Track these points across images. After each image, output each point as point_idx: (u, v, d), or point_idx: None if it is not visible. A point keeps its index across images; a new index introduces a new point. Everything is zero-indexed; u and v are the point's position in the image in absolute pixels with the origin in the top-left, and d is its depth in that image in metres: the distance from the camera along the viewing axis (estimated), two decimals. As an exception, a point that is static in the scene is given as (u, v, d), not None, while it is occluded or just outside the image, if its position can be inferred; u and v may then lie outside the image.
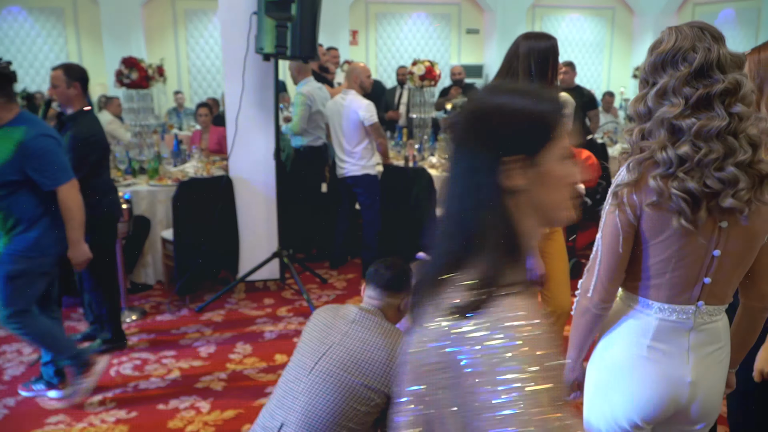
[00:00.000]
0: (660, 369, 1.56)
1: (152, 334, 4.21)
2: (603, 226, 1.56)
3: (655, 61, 1.45)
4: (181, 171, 5.43)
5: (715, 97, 1.38)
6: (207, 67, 10.55)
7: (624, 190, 1.49)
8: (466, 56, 11.78)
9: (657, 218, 1.47)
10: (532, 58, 2.73)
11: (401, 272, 2.32)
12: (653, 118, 1.45)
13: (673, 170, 1.41)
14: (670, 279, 1.52)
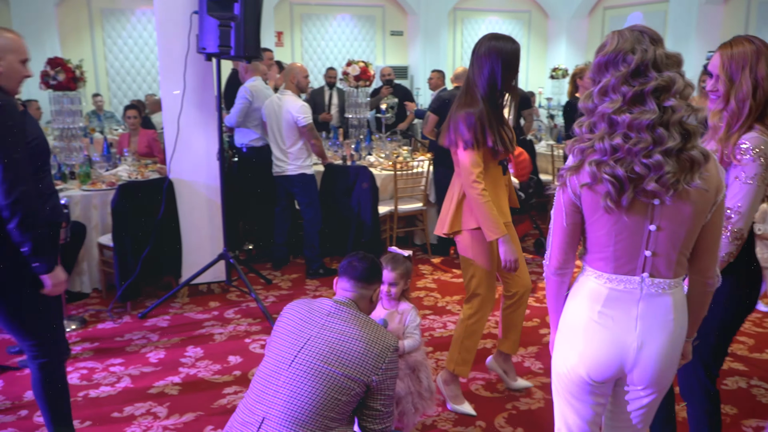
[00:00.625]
0: (608, 333, 1.74)
1: (95, 342, 4.08)
2: (554, 204, 1.79)
3: (599, 62, 1.63)
4: (114, 175, 5.28)
5: (648, 93, 1.56)
6: (126, 68, 10.20)
7: (567, 173, 1.71)
8: (391, 58, 11.95)
9: (592, 198, 1.67)
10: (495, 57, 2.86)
11: (373, 264, 2.41)
12: (596, 113, 1.63)
13: (607, 158, 1.60)
14: (614, 252, 1.71)
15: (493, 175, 2.99)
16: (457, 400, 3.26)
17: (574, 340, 1.81)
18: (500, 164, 3.04)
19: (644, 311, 1.72)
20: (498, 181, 3.03)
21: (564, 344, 1.84)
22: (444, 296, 4.88)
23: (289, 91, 5.13)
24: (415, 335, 2.80)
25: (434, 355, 3.85)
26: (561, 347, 1.86)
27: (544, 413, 3.20)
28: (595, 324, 1.75)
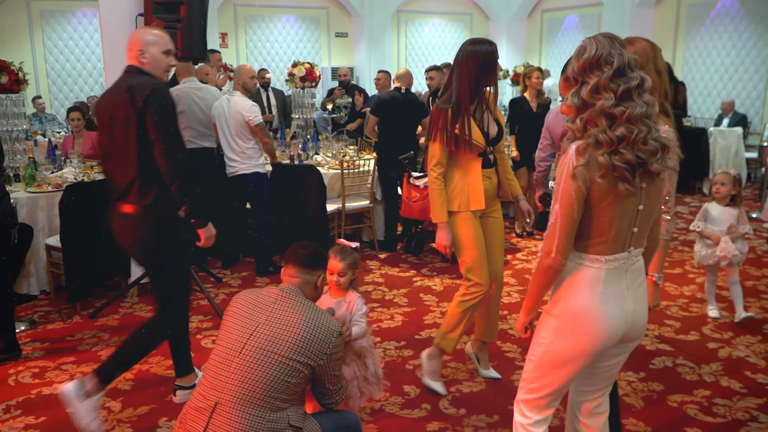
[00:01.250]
0: (612, 308, 1.97)
1: (46, 342, 4.09)
2: (559, 199, 1.91)
3: (583, 65, 1.87)
4: (59, 177, 5.25)
5: (633, 89, 1.82)
6: (68, 70, 10.04)
7: (579, 168, 1.86)
8: (336, 59, 12.09)
9: (604, 187, 1.86)
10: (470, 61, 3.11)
11: (316, 251, 2.55)
12: (593, 109, 1.85)
13: (615, 148, 1.82)
14: (614, 234, 1.93)
15: (467, 166, 3.24)
16: (433, 376, 3.45)
17: (579, 327, 1.97)
18: (479, 156, 3.24)
19: (630, 279, 2.01)
20: (472, 171, 3.24)
21: (567, 331, 1.99)
22: (391, 290, 5.06)
23: (237, 92, 5.22)
24: (362, 323, 2.95)
25: (382, 345, 4.02)
26: (565, 332, 2.00)
27: (484, 395, 3.40)
28: (600, 305, 1.96)
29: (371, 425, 3.10)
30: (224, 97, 5.26)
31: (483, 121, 3.25)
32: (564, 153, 1.94)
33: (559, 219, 1.92)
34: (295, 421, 2.24)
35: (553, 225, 1.93)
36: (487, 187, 3.29)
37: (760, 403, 3.29)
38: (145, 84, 2.93)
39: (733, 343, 4.00)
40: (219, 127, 5.23)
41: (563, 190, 1.90)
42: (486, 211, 3.36)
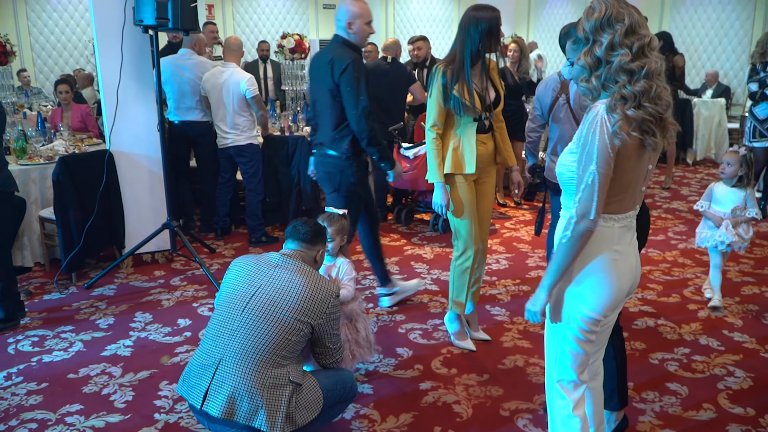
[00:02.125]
0: (625, 264, 2.04)
1: (43, 313, 4.16)
2: (596, 159, 1.85)
3: (594, 24, 1.88)
4: (50, 149, 5.27)
5: (646, 46, 1.86)
6: (52, 43, 9.92)
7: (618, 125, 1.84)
8: (324, 31, 12.03)
9: (632, 143, 1.88)
10: (472, 27, 3.21)
11: (316, 227, 2.65)
12: (610, 66, 1.86)
13: (638, 102, 1.84)
14: (630, 193, 1.99)
15: (463, 130, 3.34)
16: (459, 336, 3.62)
17: (597, 285, 1.99)
18: (475, 121, 3.33)
19: (631, 235, 2.08)
20: (467, 136, 3.34)
21: (586, 290, 2.00)
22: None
23: (233, 64, 5.25)
24: (349, 287, 3.05)
25: (374, 310, 4.12)
26: (583, 294, 2.01)
27: (474, 356, 3.53)
28: (615, 262, 2.00)
29: (365, 385, 3.21)
30: (217, 69, 5.26)
31: (481, 87, 3.33)
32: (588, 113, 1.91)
33: (598, 179, 1.87)
34: (295, 377, 2.35)
35: (590, 187, 1.88)
36: (481, 152, 3.38)
37: (737, 359, 3.45)
38: (344, 58, 3.56)
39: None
40: (212, 100, 5.25)
41: (600, 150, 1.85)
42: (481, 177, 3.46)
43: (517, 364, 3.42)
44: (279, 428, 2.25)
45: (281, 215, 5.68)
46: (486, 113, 3.37)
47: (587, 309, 2.01)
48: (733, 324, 3.87)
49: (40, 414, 3.00)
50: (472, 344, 3.59)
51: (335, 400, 2.52)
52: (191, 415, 2.96)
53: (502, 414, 2.96)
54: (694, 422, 2.88)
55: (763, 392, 3.12)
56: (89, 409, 3.04)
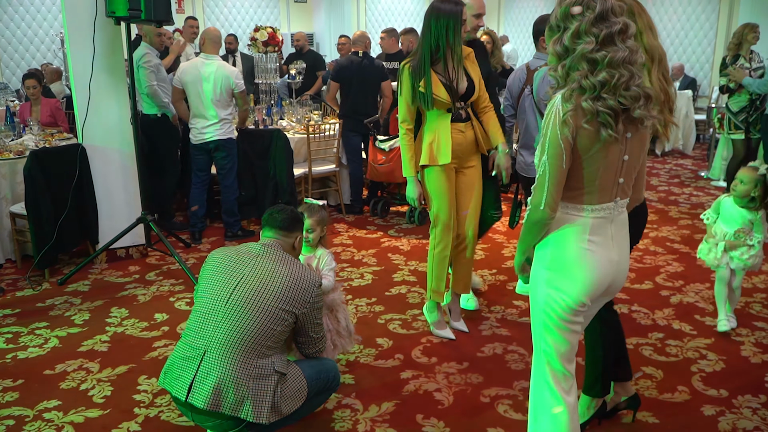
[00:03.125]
0: (598, 256, 1.99)
1: (17, 309, 4.08)
2: (547, 149, 1.87)
3: (564, 10, 1.84)
4: (20, 144, 5.16)
5: (615, 34, 1.80)
6: (18, 37, 9.70)
7: (567, 115, 1.82)
8: (296, 25, 11.97)
9: (589, 134, 1.85)
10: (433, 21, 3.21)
11: (293, 214, 2.64)
12: (573, 55, 1.83)
13: (598, 93, 1.80)
14: (599, 184, 1.93)
15: (436, 121, 3.36)
16: (438, 326, 3.64)
17: (570, 273, 1.98)
18: (448, 111, 3.34)
19: (615, 230, 2.03)
20: (441, 126, 3.34)
21: (558, 280, 1.99)
22: (360, 250, 5.17)
23: (216, 56, 5.15)
24: (330, 276, 3.05)
25: (353, 302, 4.13)
26: (554, 283, 2.00)
27: (454, 344, 3.56)
28: (587, 252, 1.97)
29: (347, 375, 3.22)
30: (197, 62, 5.10)
31: (451, 77, 3.31)
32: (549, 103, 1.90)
33: (548, 170, 1.87)
34: (279, 367, 2.35)
35: (542, 177, 1.89)
36: (460, 141, 3.39)
37: (709, 343, 3.54)
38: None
39: (683, 290, 4.26)
40: (193, 94, 5.06)
41: (551, 140, 1.86)
42: (462, 165, 3.47)
43: (496, 352, 3.46)
44: (265, 418, 2.26)
45: (257, 208, 5.64)
46: (460, 103, 3.37)
47: (562, 296, 2.00)
48: (704, 309, 3.97)
49: (17, 410, 2.95)
50: (451, 333, 3.62)
51: (319, 389, 2.53)
52: (171, 409, 2.94)
53: (483, 400, 3.00)
54: (670, 404, 2.95)
55: (735, 374, 3.21)
56: (67, 404, 3.00)
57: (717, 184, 7.37)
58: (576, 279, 1.98)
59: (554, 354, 2.08)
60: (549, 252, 2.03)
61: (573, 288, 1.98)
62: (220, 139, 5.16)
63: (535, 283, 2.08)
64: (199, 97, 5.08)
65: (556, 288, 2.01)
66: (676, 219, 5.95)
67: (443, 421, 2.84)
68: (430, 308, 3.67)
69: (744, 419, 2.83)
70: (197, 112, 5.13)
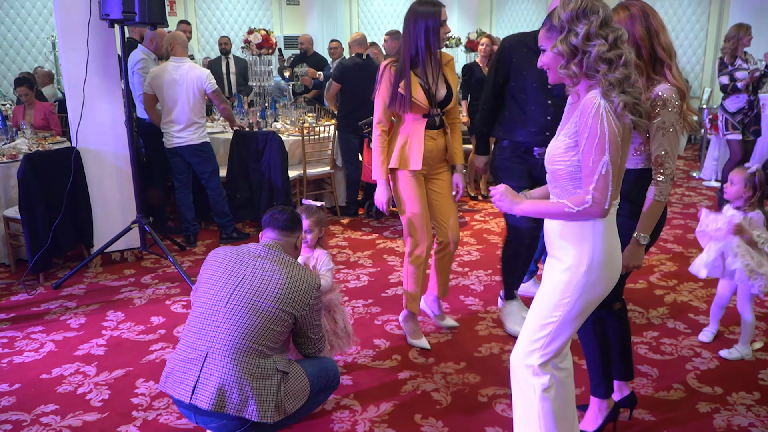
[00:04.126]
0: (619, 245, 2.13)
1: (11, 313, 4.07)
2: (607, 148, 1.89)
3: (571, 14, 1.93)
4: (13, 148, 5.15)
5: (619, 39, 1.94)
6: (9, 41, 9.64)
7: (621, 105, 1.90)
8: (288, 27, 11.96)
9: (627, 127, 1.96)
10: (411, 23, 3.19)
11: (293, 214, 2.65)
12: (589, 57, 1.92)
13: (622, 88, 1.91)
14: (621, 178, 2.04)
15: (411, 125, 3.32)
16: (414, 335, 3.57)
17: (610, 269, 2.08)
18: (424, 117, 3.31)
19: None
20: (416, 132, 3.31)
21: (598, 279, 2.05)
22: (355, 252, 5.18)
23: (187, 59, 5.10)
24: (327, 277, 3.07)
25: (350, 303, 4.14)
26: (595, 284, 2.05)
27: (451, 344, 3.58)
28: (617, 248, 2.11)
29: (345, 376, 3.23)
30: (169, 66, 4.99)
31: (430, 83, 3.28)
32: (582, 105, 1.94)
33: (611, 169, 1.91)
34: (281, 366, 2.37)
35: (604, 177, 1.91)
36: (431, 148, 3.35)
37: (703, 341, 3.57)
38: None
39: (677, 290, 4.29)
40: (168, 98, 4.96)
41: (609, 139, 1.89)
42: (432, 172, 3.45)
43: (493, 352, 3.48)
44: (270, 417, 2.27)
45: (252, 211, 5.65)
46: (436, 109, 3.33)
47: (599, 296, 2.09)
48: (698, 308, 4.01)
49: (15, 415, 2.94)
50: (427, 343, 3.55)
51: (320, 388, 2.55)
52: (170, 411, 2.94)
53: (481, 400, 3.02)
54: (665, 402, 2.98)
55: (729, 371, 3.24)
56: (65, 408, 3.00)
57: (709, 184, 7.43)
58: (611, 274, 2.09)
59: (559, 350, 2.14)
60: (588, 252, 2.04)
61: (607, 285, 2.09)
62: (194, 143, 5.07)
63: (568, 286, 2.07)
64: (171, 101, 4.96)
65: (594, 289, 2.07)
66: (669, 219, 5.99)
67: (441, 421, 2.85)
68: (405, 318, 3.61)
69: (739, 416, 2.86)
70: (169, 116, 5.00)
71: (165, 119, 5.07)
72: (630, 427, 2.78)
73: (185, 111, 5.00)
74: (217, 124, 6.24)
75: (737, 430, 2.77)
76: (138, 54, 5.26)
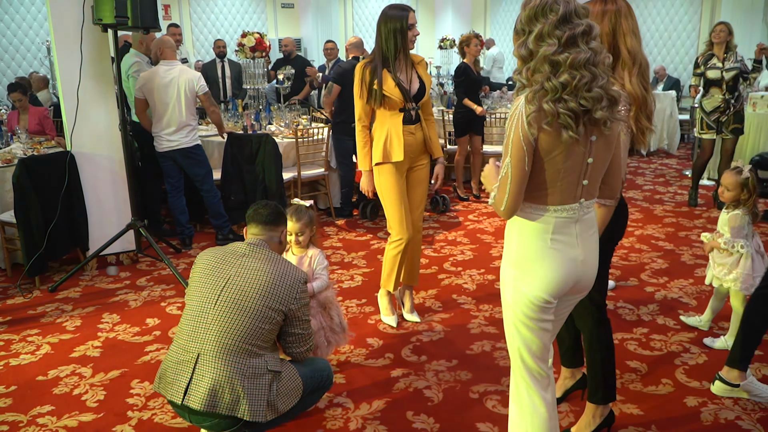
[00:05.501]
0: (561, 254, 1.99)
1: (7, 317, 4.09)
2: (510, 151, 1.87)
3: (528, 14, 1.85)
4: (8, 152, 5.17)
5: (578, 36, 1.81)
6: (4, 46, 9.68)
7: (530, 117, 1.83)
8: (283, 30, 12.01)
9: (550, 136, 1.85)
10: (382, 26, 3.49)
11: (276, 209, 2.68)
12: (536, 57, 1.83)
13: (559, 95, 1.81)
14: (561, 186, 1.93)
15: (389, 121, 3.58)
16: (385, 312, 3.89)
17: (532, 270, 1.99)
18: (401, 111, 3.56)
19: (580, 229, 2.02)
20: (393, 126, 3.57)
21: (523, 276, 2.01)
22: (350, 252, 5.21)
23: (177, 62, 5.13)
24: (323, 276, 3.10)
25: (344, 303, 4.18)
26: (520, 280, 2.02)
27: (443, 342, 3.62)
28: (550, 250, 1.98)
29: (338, 375, 3.26)
30: (160, 69, 5.00)
31: (404, 79, 3.55)
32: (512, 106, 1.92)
33: (511, 173, 1.88)
34: (273, 366, 2.39)
35: (504, 179, 1.90)
36: (410, 142, 3.62)
37: (692, 336, 3.61)
38: None
39: (667, 287, 4.33)
40: (158, 102, 4.97)
41: (514, 143, 1.86)
42: (412, 165, 3.70)
43: (485, 349, 3.52)
44: (261, 416, 2.30)
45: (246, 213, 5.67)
46: (411, 104, 3.58)
47: (525, 292, 2.01)
48: (687, 304, 4.05)
49: (11, 416, 2.98)
50: (394, 321, 3.84)
51: (314, 387, 2.58)
52: (165, 411, 2.98)
53: (472, 396, 3.06)
54: (654, 396, 3.02)
55: (717, 366, 3.26)
56: (61, 409, 3.03)
57: (701, 183, 7.48)
58: (538, 276, 1.99)
59: (526, 351, 2.09)
60: (514, 249, 2.05)
61: (535, 284, 2.00)
62: (186, 147, 5.10)
63: (504, 280, 2.11)
64: (163, 104, 4.97)
65: (521, 285, 2.03)
66: (661, 217, 6.04)
67: (433, 417, 2.89)
68: (381, 294, 3.91)
69: (726, 409, 2.90)
70: (161, 120, 5.01)
71: (156, 123, 5.08)
72: (619, 420, 2.82)
73: (177, 114, 5.03)
74: (211, 127, 6.27)
75: (724, 423, 2.81)
76: (131, 58, 5.29)
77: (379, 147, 3.57)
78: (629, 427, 2.80)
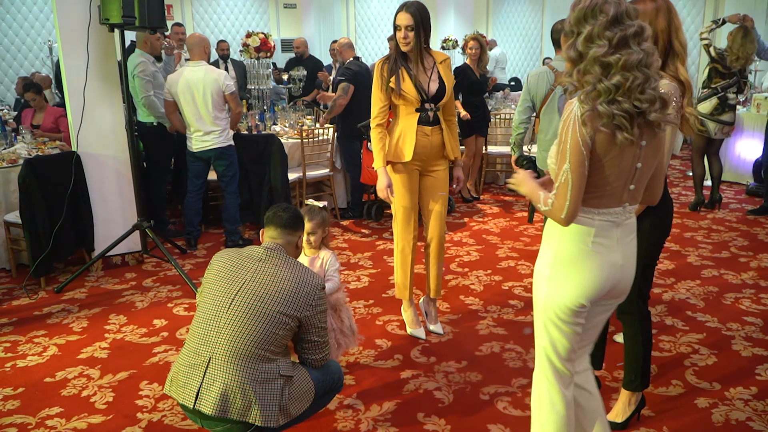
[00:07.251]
0: (602, 258, 1.98)
1: (13, 318, 4.08)
2: (569, 156, 1.84)
3: (577, 15, 1.84)
4: (12, 153, 5.16)
5: (630, 37, 1.79)
6: (6, 46, 9.67)
7: (586, 118, 1.81)
8: (286, 31, 12.00)
9: (606, 138, 1.83)
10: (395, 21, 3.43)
11: (296, 213, 2.66)
12: (586, 59, 1.81)
13: (612, 96, 1.79)
14: (609, 190, 1.92)
15: (404, 120, 3.48)
16: (411, 324, 3.74)
17: (571, 273, 1.98)
18: (417, 111, 3.45)
19: (621, 234, 2.01)
20: (408, 126, 3.46)
21: (559, 278, 2.00)
22: (356, 253, 5.21)
23: (203, 62, 5.08)
24: (335, 278, 3.09)
25: (351, 304, 4.17)
26: (555, 281, 2.01)
27: (452, 344, 3.61)
28: (591, 252, 1.96)
29: (348, 376, 3.26)
30: (186, 69, 5.00)
31: (421, 78, 3.42)
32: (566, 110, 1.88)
33: (571, 178, 1.84)
34: (285, 371, 2.37)
35: (564, 185, 1.86)
36: (424, 144, 3.47)
37: (701, 338, 3.61)
38: None
39: (675, 287, 4.33)
40: (186, 102, 4.96)
41: (572, 148, 1.83)
42: (427, 168, 3.55)
43: (494, 350, 3.51)
44: (274, 421, 2.28)
45: (251, 213, 5.68)
46: (430, 104, 3.45)
47: (561, 295, 2.01)
48: (695, 305, 4.04)
49: (20, 418, 2.96)
50: (423, 333, 3.69)
51: (325, 390, 2.56)
52: (174, 413, 2.97)
53: (482, 398, 3.05)
54: (664, 398, 3.01)
55: (726, 367, 3.27)
56: (70, 411, 3.02)
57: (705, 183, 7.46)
58: (576, 279, 1.98)
59: (552, 351, 2.10)
60: (553, 250, 2.03)
61: (572, 288, 1.98)
62: (220, 147, 5.08)
63: (537, 280, 2.10)
64: (192, 105, 4.97)
65: (556, 286, 2.01)
66: (666, 218, 6.03)
67: (444, 419, 2.88)
68: (405, 307, 3.78)
69: (736, 411, 2.89)
70: (192, 121, 5.01)
71: (189, 125, 5.07)
72: (630, 423, 2.81)
73: (207, 114, 4.99)
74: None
75: (735, 424, 2.80)
76: (136, 58, 5.28)
77: (391, 146, 3.49)
78: (641, 428, 2.79)
